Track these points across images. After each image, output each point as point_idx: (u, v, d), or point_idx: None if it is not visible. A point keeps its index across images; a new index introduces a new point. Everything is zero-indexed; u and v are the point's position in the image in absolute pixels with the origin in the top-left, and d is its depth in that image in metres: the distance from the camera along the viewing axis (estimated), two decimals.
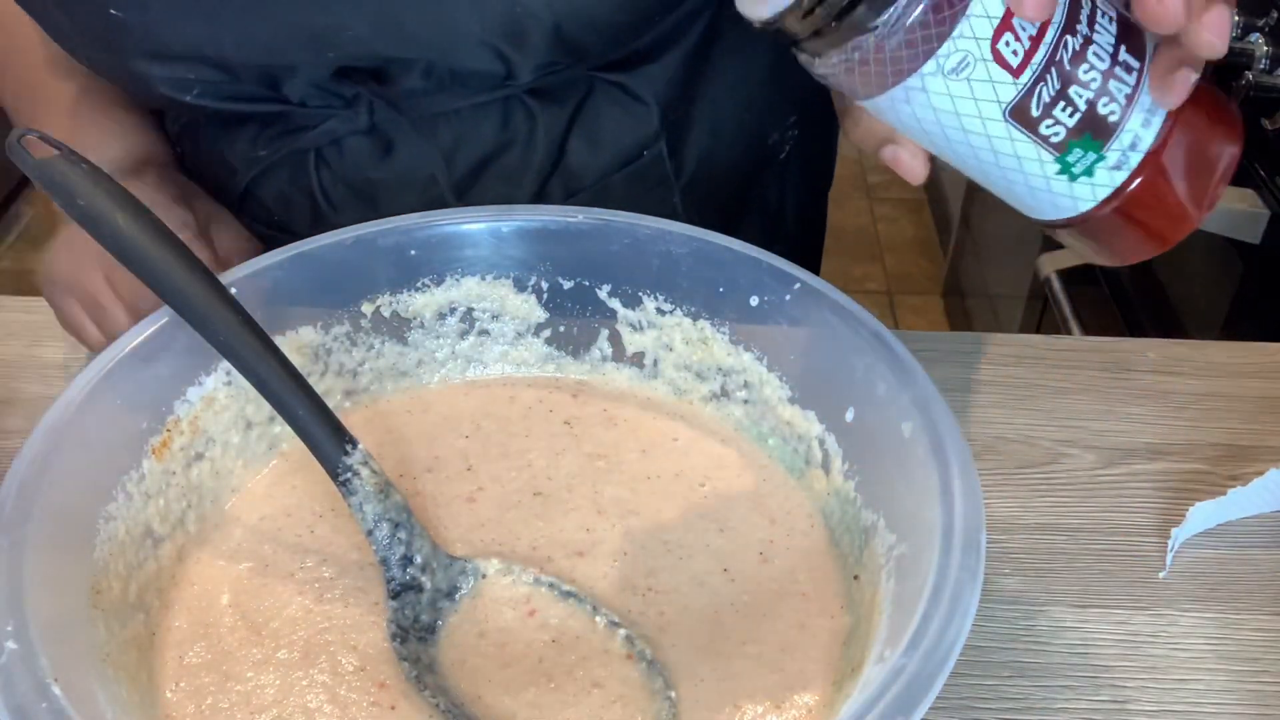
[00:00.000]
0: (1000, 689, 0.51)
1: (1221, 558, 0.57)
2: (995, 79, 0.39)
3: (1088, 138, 0.41)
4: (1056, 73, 0.39)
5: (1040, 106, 0.40)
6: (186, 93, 0.65)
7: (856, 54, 0.39)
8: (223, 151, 0.72)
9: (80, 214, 0.48)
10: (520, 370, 0.62)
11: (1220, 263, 1.10)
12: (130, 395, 0.50)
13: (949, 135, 0.42)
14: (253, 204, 0.73)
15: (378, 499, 0.49)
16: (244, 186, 0.72)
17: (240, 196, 0.73)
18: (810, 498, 0.54)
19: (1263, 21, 1.06)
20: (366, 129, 0.68)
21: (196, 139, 0.74)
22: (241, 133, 0.71)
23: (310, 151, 0.69)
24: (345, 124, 0.68)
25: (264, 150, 0.70)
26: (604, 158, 0.71)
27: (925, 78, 0.40)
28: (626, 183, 0.72)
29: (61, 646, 0.40)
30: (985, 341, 0.70)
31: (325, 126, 0.68)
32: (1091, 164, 0.41)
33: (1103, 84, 0.40)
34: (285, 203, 0.72)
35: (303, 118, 0.68)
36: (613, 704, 0.45)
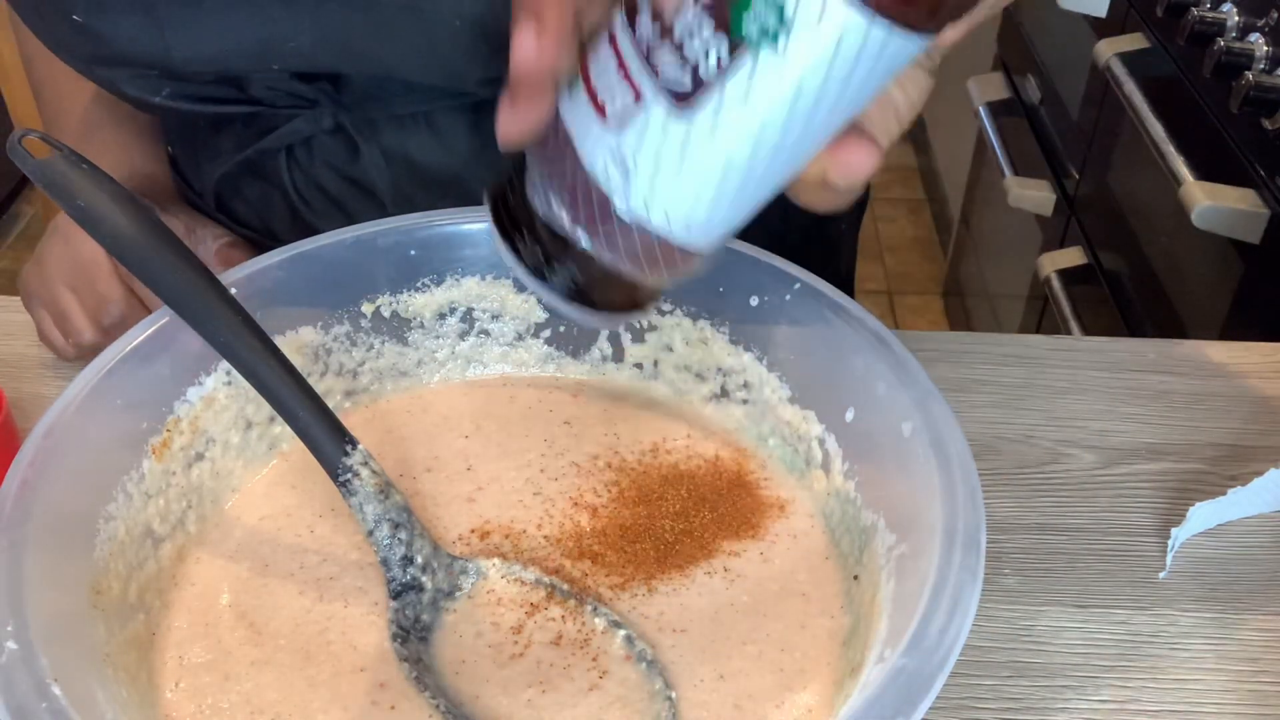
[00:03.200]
0: (1000, 689, 0.51)
1: (1221, 558, 0.57)
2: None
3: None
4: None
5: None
6: (156, 94, 0.65)
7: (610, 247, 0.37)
8: (210, 151, 0.72)
9: (80, 214, 0.48)
10: (520, 370, 0.62)
11: (1220, 263, 1.10)
12: (130, 395, 0.50)
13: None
14: (236, 205, 0.74)
15: (378, 499, 0.49)
16: (225, 186, 0.73)
17: (224, 197, 0.73)
18: (810, 498, 0.54)
19: (1263, 21, 1.06)
20: (332, 129, 0.68)
21: (187, 140, 0.74)
22: (225, 132, 0.71)
23: (281, 151, 0.69)
24: (310, 124, 0.68)
25: (235, 152, 0.71)
26: None
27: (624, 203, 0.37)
28: None
29: (61, 646, 0.40)
30: (985, 341, 0.70)
31: (292, 125, 0.68)
32: None
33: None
34: (265, 204, 0.72)
35: (272, 117, 0.68)
36: (612, 704, 0.45)
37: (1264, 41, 1.05)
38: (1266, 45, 1.04)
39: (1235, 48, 1.05)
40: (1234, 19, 1.09)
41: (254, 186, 0.72)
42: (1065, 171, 1.55)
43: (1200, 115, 1.13)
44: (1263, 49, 1.04)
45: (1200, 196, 1.05)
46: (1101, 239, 1.43)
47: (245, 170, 0.71)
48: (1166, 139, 1.15)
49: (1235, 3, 1.10)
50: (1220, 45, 1.06)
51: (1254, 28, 1.07)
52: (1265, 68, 1.03)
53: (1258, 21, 1.07)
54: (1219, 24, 1.09)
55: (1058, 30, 1.61)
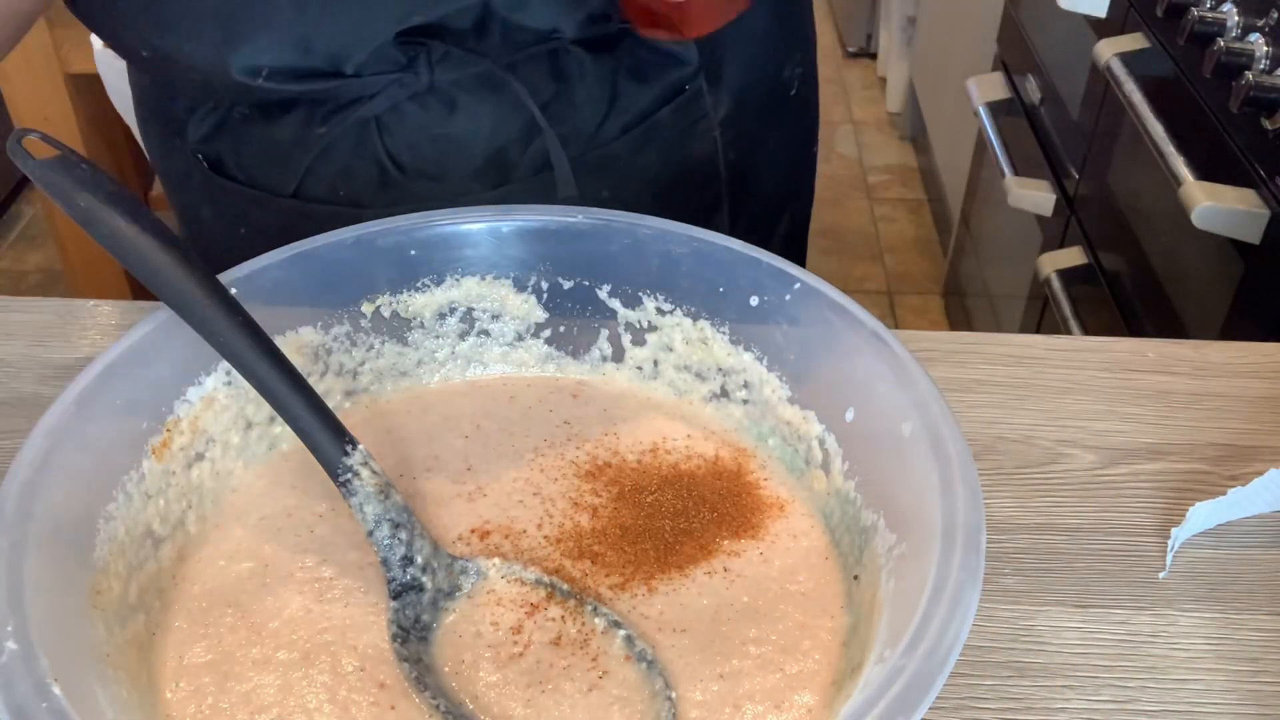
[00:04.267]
0: (1000, 689, 0.51)
1: (1221, 558, 0.57)
2: None
3: None
4: None
5: None
6: (256, 77, 0.67)
7: None
8: (271, 140, 0.73)
9: (80, 214, 0.48)
10: (520, 370, 0.62)
11: (1220, 263, 1.10)
12: (130, 395, 0.50)
13: None
14: (314, 183, 0.74)
15: (378, 499, 0.49)
16: (305, 167, 0.73)
17: (308, 180, 0.74)
18: (810, 498, 0.54)
19: (1262, 21, 1.06)
20: (427, 88, 0.70)
21: (235, 136, 0.74)
22: (288, 119, 0.72)
23: (371, 120, 0.71)
24: (405, 88, 0.70)
25: (321, 128, 0.71)
26: (652, 94, 0.75)
27: None
28: (673, 117, 0.76)
29: (61, 646, 0.40)
30: (985, 341, 0.70)
31: (385, 93, 0.70)
32: None
33: None
34: (349, 175, 0.73)
35: (359, 88, 0.70)
36: (612, 704, 0.45)
37: (1264, 41, 1.05)
38: (1266, 45, 1.04)
39: (1235, 48, 1.05)
40: (1234, 19, 1.09)
41: (337, 160, 0.73)
42: (1065, 171, 1.55)
43: (1200, 115, 1.13)
44: (1263, 49, 1.04)
45: (1200, 196, 1.05)
46: (1101, 239, 1.43)
47: (326, 147, 0.72)
48: (1166, 139, 1.15)
49: (1235, 3, 1.10)
50: (1220, 45, 1.06)
51: (1254, 28, 1.07)
52: (1265, 68, 1.03)
53: (1258, 21, 1.07)
54: (1219, 24, 1.09)
55: (1058, 30, 1.61)
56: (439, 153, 0.73)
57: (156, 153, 0.83)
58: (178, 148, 0.78)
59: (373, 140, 0.72)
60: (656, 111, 0.76)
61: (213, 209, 0.79)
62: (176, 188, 0.82)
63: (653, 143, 0.76)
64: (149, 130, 0.82)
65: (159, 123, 0.79)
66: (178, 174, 0.80)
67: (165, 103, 0.77)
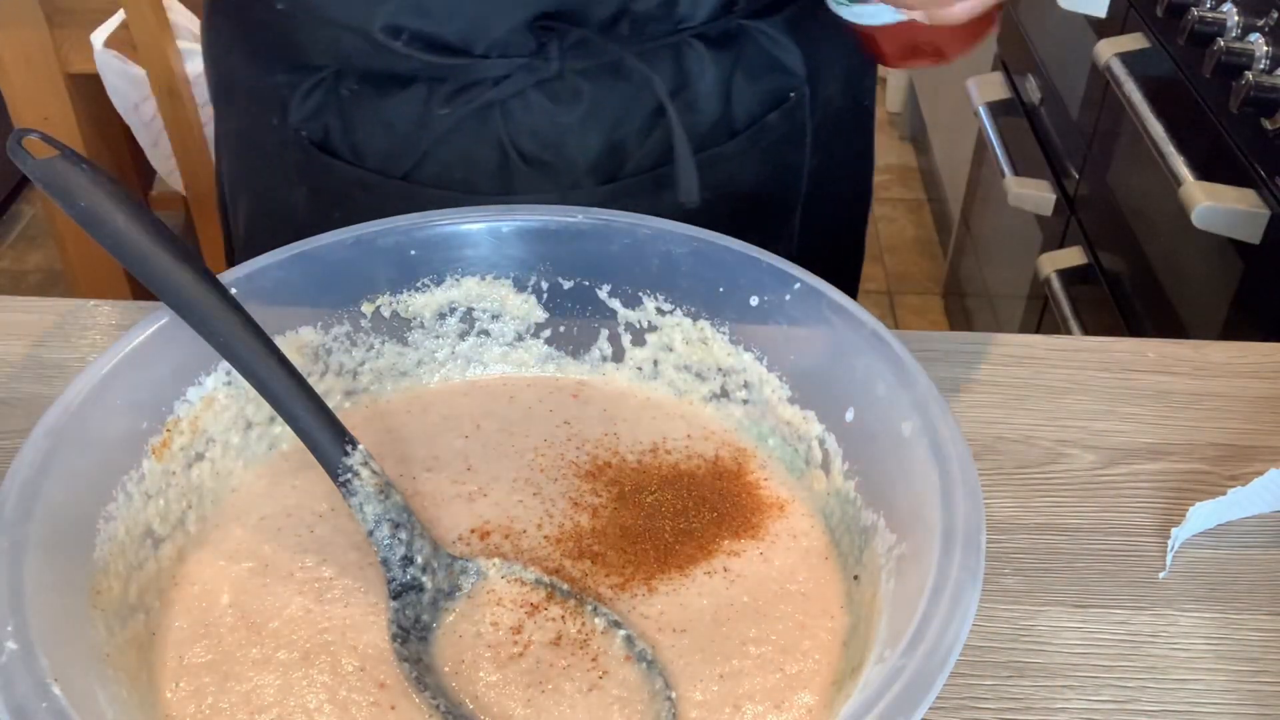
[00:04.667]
0: (1000, 689, 0.51)
1: (1221, 558, 0.57)
2: None
3: None
4: None
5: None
6: (396, 38, 0.68)
7: None
8: (389, 119, 0.72)
9: (80, 214, 0.48)
10: (520, 370, 0.62)
11: (1220, 263, 1.10)
12: (130, 395, 0.50)
13: None
14: (430, 165, 0.74)
15: (378, 499, 0.49)
16: (424, 149, 0.73)
17: (423, 163, 0.73)
18: (810, 498, 0.54)
19: (1262, 21, 1.06)
20: (555, 75, 0.70)
21: (346, 114, 0.73)
22: (405, 96, 0.71)
23: (496, 105, 0.71)
24: (533, 74, 0.70)
25: (444, 109, 0.71)
26: (761, 99, 0.76)
27: None
28: (778, 121, 0.77)
29: (61, 646, 0.40)
30: (985, 341, 0.70)
31: (513, 78, 0.70)
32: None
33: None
34: (467, 160, 0.73)
35: (485, 69, 0.70)
36: (612, 704, 0.45)
37: (1264, 41, 1.05)
38: (1266, 45, 1.04)
39: (1235, 48, 1.05)
40: (1234, 19, 1.09)
41: (458, 143, 0.73)
42: (1065, 171, 1.55)
43: (1200, 115, 1.13)
44: (1263, 49, 1.04)
45: (1200, 196, 1.05)
46: (1101, 239, 1.43)
47: (448, 129, 0.72)
48: (1166, 139, 1.15)
49: (1235, 3, 1.10)
50: (1220, 45, 1.06)
51: (1254, 28, 1.07)
52: (1265, 68, 1.03)
53: (1258, 21, 1.07)
54: (1219, 24, 1.09)
55: (1058, 30, 1.61)
56: (558, 142, 0.72)
57: (239, 135, 0.81)
58: (272, 128, 0.76)
59: (495, 125, 0.71)
60: (765, 115, 0.77)
61: (306, 191, 0.77)
62: (260, 171, 0.80)
63: (757, 146, 0.77)
64: (230, 112, 0.80)
65: (250, 102, 0.77)
66: (266, 156, 0.78)
67: (263, 79, 0.75)
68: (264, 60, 0.75)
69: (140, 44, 1.59)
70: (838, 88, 0.81)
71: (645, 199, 0.75)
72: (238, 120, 0.80)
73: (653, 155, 0.74)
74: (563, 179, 0.74)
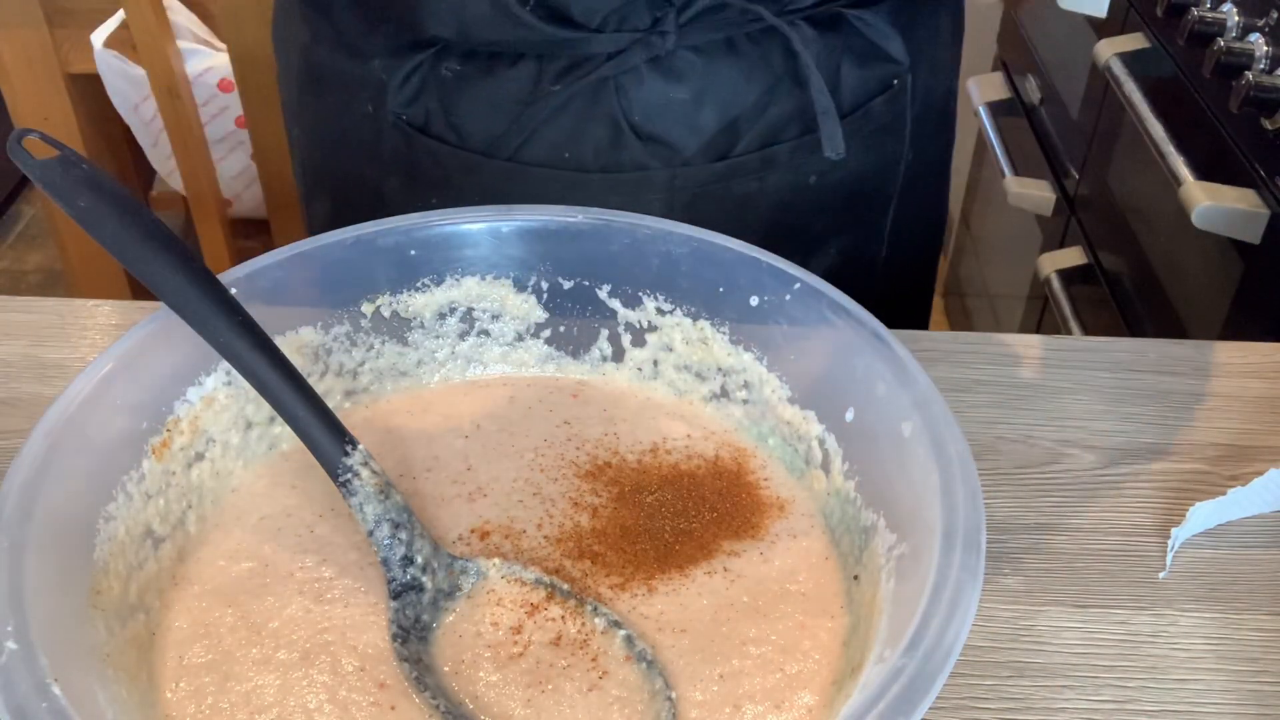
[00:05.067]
0: (1000, 689, 0.51)
1: (1221, 558, 0.57)
2: None
3: None
4: None
5: None
6: (525, 4, 0.68)
7: None
8: (495, 98, 0.72)
9: (80, 214, 0.48)
10: (520, 370, 0.62)
11: (1220, 263, 1.10)
12: (130, 395, 0.50)
13: None
14: (538, 144, 0.73)
15: (378, 499, 0.49)
16: (532, 128, 0.72)
17: (525, 138, 0.73)
18: (810, 498, 0.54)
19: (1263, 21, 1.06)
20: (668, 51, 0.70)
21: (447, 95, 0.73)
22: (513, 74, 0.71)
23: (609, 81, 0.71)
24: (647, 49, 0.70)
25: (554, 86, 0.71)
26: (867, 85, 0.76)
27: None
28: (882, 109, 0.77)
29: (61, 646, 0.40)
30: (985, 341, 0.70)
31: (627, 53, 0.70)
32: None
33: None
34: (577, 138, 0.73)
35: (599, 44, 0.70)
36: (612, 704, 0.45)
37: (1264, 41, 1.05)
38: (1266, 45, 1.04)
39: (1235, 48, 1.05)
40: (1234, 19, 1.09)
41: (565, 120, 0.72)
42: (1065, 171, 1.55)
43: (1200, 115, 1.13)
44: (1263, 49, 1.04)
45: (1200, 196, 1.05)
46: (1101, 239, 1.43)
47: (556, 106, 0.72)
48: (1166, 139, 1.15)
49: (1235, 3, 1.10)
50: (1220, 45, 1.06)
51: (1254, 28, 1.07)
52: (1265, 68, 1.03)
53: (1258, 21, 1.07)
54: (1219, 24, 1.09)
55: (1058, 30, 1.61)
56: (670, 120, 0.72)
57: (326, 127, 0.80)
58: (366, 116, 0.76)
59: (609, 102, 0.71)
60: (871, 100, 0.77)
61: (402, 179, 0.77)
62: (348, 162, 0.79)
63: (861, 134, 0.77)
64: (316, 104, 0.80)
65: (341, 91, 0.77)
66: (357, 146, 0.77)
67: (357, 66, 0.75)
68: (359, 47, 0.74)
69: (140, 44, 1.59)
70: (934, 79, 0.81)
71: (754, 178, 0.75)
72: (325, 111, 0.79)
73: (764, 135, 0.74)
74: (674, 156, 0.73)
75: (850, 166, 0.78)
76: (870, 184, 0.81)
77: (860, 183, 0.80)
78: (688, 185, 0.74)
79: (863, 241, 0.84)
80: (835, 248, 0.82)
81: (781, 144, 0.75)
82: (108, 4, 1.73)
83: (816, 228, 0.80)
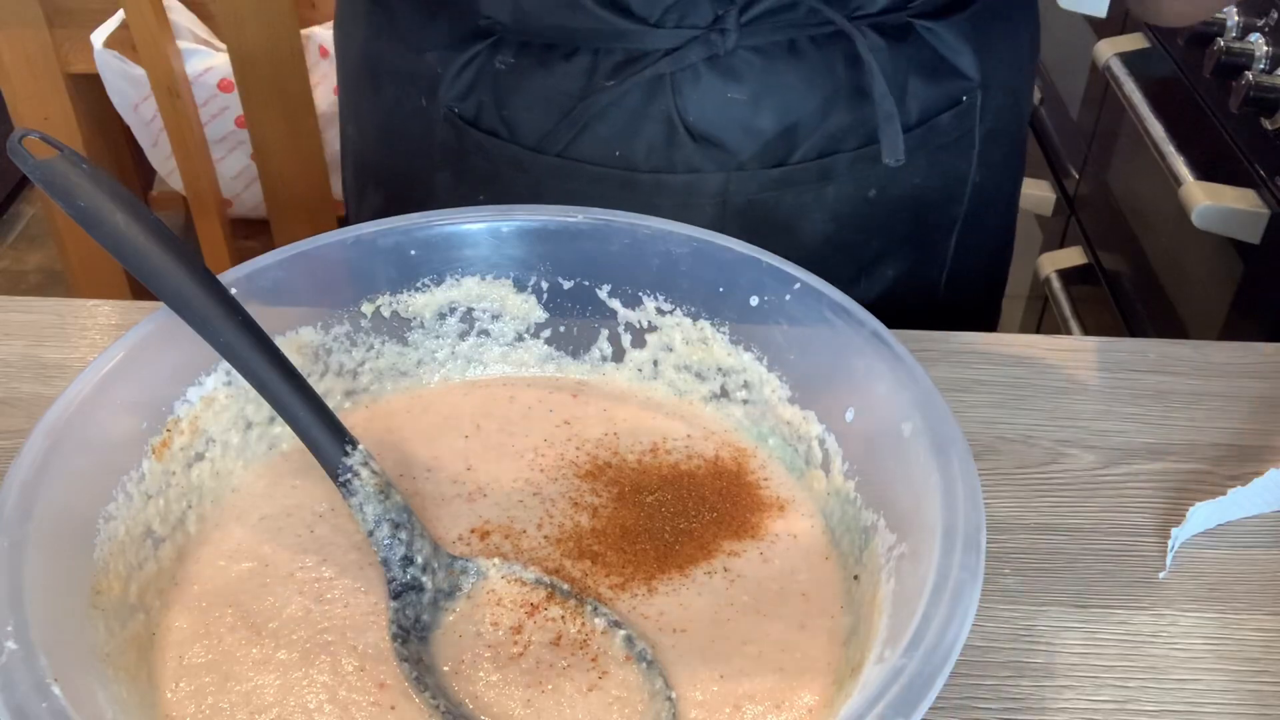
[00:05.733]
0: (1000, 689, 0.51)
1: (1221, 558, 0.57)
2: None
3: None
4: None
5: None
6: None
7: None
8: (548, 92, 0.71)
9: (80, 214, 0.48)
10: (520, 370, 0.62)
11: (1220, 263, 1.10)
12: (130, 395, 0.50)
13: None
14: (589, 141, 0.72)
15: (378, 499, 0.49)
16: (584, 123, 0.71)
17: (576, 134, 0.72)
18: (810, 498, 0.54)
19: (1263, 21, 1.06)
20: (728, 51, 0.69)
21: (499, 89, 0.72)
22: (568, 68, 0.70)
23: (666, 78, 0.70)
24: (707, 47, 0.69)
25: (609, 81, 0.70)
26: (934, 99, 0.74)
27: None
28: (950, 124, 0.76)
29: (61, 646, 0.40)
30: (985, 341, 0.70)
31: (685, 49, 0.69)
32: None
33: None
34: (630, 135, 0.71)
35: (658, 40, 0.69)
36: (612, 704, 0.45)
37: (1264, 41, 1.05)
38: (1266, 45, 1.04)
39: (1235, 48, 1.05)
40: (1234, 19, 1.09)
41: (619, 116, 0.71)
42: (1065, 171, 1.55)
43: (1200, 115, 1.13)
44: (1263, 49, 1.04)
45: (1200, 196, 1.05)
46: (1101, 239, 1.43)
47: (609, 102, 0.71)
48: (1166, 139, 1.15)
49: (1235, 3, 1.10)
50: (1220, 45, 1.06)
51: (1254, 28, 1.07)
52: (1265, 68, 1.03)
53: (1258, 21, 1.07)
54: (1219, 24, 1.09)
55: (1058, 30, 1.61)
56: (726, 122, 0.71)
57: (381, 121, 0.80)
58: (419, 109, 0.75)
59: (665, 100, 0.70)
60: (938, 114, 0.75)
61: (451, 174, 0.76)
62: (400, 156, 0.79)
63: (925, 147, 0.75)
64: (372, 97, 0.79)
65: (397, 84, 0.77)
66: (409, 140, 0.77)
67: (413, 58, 0.74)
68: (416, 39, 0.74)
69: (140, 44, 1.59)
70: (1006, 100, 0.79)
71: (810, 189, 0.73)
72: (380, 106, 0.79)
73: (822, 143, 0.72)
74: (728, 160, 0.72)
75: (913, 182, 0.76)
76: (934, 203, 0.79)
77: (923, 201, 0.78)
78: (741, 191, 0.73)
79: (923, 264, 0.81)
80: (893, 269, 0.79)
81: (841, 154, 0.73)
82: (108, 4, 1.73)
83: (874, 246, 0.78)
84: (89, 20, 1.75)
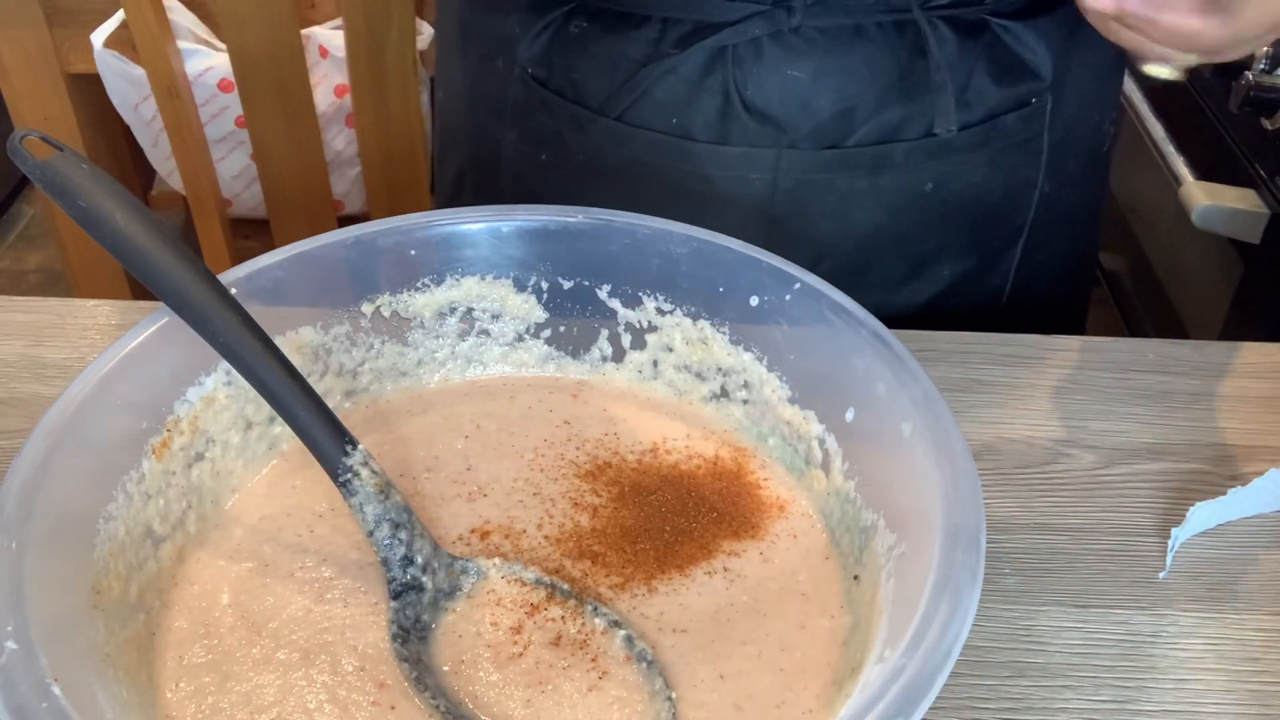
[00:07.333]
0: (1000, 689, 0.51)
1: (1221, 558, 0.57)
2: None
3: None
4: None
5: None
6: None
7: None
8: (614, 57, 0.72)
9: (80, 214, 0.48)
10: (520, 370, 0.62)
11: (1220, 263, 1.10)
12: (130, 395, 0.50)
13: None
14: (648, 106, 0.73)
15: (378, 499, 0.49)
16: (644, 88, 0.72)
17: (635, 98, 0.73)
18: (810, 498, 0.54)
19: None
20: (793, 28, 0.69)
21: (571, 51, 0.73)
22: (637, 35, 0.71)
23: (728, 50, 0.70)
24: (770, 23, 0.69)
25: (673, 49, 0.71)
26: (1001, 98, 0.73)
27: None
28: (1015, 124, 0.74)
29: (61, 646, 0.40)
30: (985, 341, 0.70)
31: (749, 23, 0.69)
32: None
33: None
34: (688, 104, 0.72)
35: (725, 12, 0.69)
36: (612, 705, 0.45)
37: None
38: (1267, 45, 1.04)
39: None
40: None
41: (679, 85, 0.72)
42: None
43: (1200, 115, 1.13)
44: (1263, 49, 1.04)
45: (1200, 196, 1.05)
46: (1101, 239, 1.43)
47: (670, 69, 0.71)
48: (1166, 139, 1.15)
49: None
50: None
51: None
52: (1265, 68, 1.03)
53: None
54: None
55: None
56: (784, 99, 0.71)
57: (468, 81, 0.81)
58: (497, 70, 0.77)
59: (725, 72, 0.70)
60: (1002, 114, 0.73)
61: (519, 133, 0.78)
62: (479, 116, 0.81)
63: (987, 146, 0.74)
64: (460, 59, 0.81)
65: (481, 44, 0.78)
66: (487, 100, 0.79)
67: (498, 22, 0.76)
68: (505, 1, 0.76)
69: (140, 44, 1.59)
70: (1082, 107, 0.77)
71: (864, 175, 0.73)
72: (466, 67, 0.81)
73: (879, 131, 0.72)
74: (783, 137, 0.72)
75: (973, 181, 0.75)
76: (995, 207, 0.77)
77: (984, 204, 0.76)
78: (793, 169, 0.72)
79: (983, 271, 0.80)
80: (950, 269, 0.78)
81: (898, 143, 0.72)
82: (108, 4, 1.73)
83: (929, 243, 0.77)
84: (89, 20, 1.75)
